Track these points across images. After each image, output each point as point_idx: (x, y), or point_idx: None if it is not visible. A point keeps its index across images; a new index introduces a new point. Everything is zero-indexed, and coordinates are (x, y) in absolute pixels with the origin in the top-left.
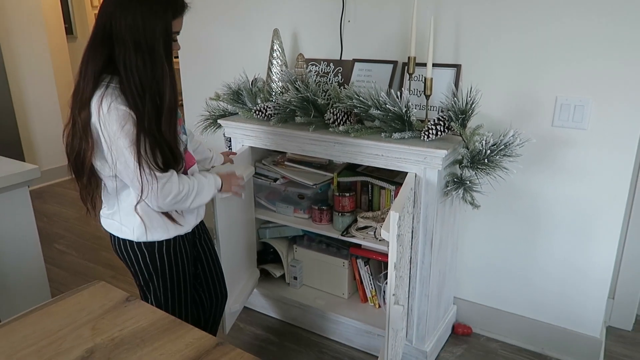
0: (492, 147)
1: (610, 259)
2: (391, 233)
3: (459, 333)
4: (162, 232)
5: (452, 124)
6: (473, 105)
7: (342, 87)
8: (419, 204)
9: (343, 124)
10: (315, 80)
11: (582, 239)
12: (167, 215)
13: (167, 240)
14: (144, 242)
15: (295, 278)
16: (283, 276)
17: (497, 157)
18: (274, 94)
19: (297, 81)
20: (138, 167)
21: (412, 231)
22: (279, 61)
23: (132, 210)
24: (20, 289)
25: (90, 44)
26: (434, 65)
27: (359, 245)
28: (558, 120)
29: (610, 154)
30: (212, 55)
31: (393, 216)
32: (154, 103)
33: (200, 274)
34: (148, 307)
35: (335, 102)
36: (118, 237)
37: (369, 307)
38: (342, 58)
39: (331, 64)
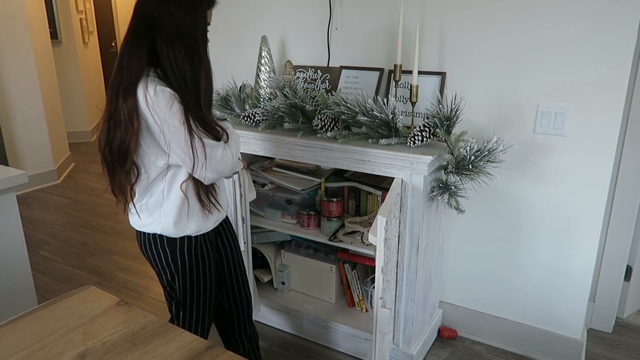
0: (476, 153)
1: (591, 262)
2: (378, 237)
3: (445, 336)
4: (187, 228)
5: (437, 130)
6: (457, 112)
7: (329, 94)
8: (406, 208)
9: (331, 130)
10: (303, 86)
11: (563, 242)
12: (201, 203)
13: (189, 239)
14: (167, 238)
15: (283, 283)
16: (271, 281)
17: (481, 162)
18: (262, 100)
19: (285, 87)
20: (190, 141)
21: (399, 235)
22: (267, 68)
23: (163, 200)
24: (6, 295)
25: (131, 38)
26: (419, 72)
27: (346, 250)
28: (539, 127)
29: (589, 160)
30: None
31: (380, 221)
32: (194, 87)
33: (220, 275)
34: (139, 312)
35: (322, 108)
36: (143, 233)
37: (356, 311)
38: (330, 65)
39: (319, 71)
